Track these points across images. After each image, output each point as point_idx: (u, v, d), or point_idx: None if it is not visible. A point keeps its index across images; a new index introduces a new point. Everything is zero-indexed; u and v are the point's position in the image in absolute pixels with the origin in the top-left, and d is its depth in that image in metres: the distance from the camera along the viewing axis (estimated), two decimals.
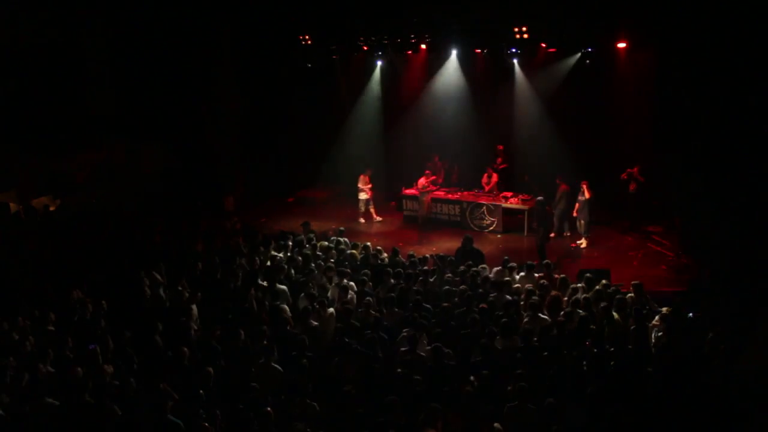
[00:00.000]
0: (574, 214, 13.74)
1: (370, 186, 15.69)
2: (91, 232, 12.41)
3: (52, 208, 13.95)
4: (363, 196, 15.72)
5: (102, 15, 15.08)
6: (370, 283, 9.70)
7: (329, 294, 9.41)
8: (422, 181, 15.17)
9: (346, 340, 7.64)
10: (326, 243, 11.56)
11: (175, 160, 16.61)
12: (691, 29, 11.97)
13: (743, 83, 10.95)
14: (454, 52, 16.00)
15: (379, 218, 15.91)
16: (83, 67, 15.33)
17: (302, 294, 9.16)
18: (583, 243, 13.61)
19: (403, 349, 7.58)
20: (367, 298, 8.83)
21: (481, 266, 10.33)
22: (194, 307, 8.92)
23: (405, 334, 7.70)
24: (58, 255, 11.17)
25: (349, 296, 9.14)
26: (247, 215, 16.07)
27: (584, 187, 13.42)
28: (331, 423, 6.37)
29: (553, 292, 9.04)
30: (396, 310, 8.67)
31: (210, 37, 15.97)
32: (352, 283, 9.54)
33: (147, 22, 15.08)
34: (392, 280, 9.58)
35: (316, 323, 8.33)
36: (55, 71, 14.41)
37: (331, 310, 8.66)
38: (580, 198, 13.51)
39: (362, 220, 15.89)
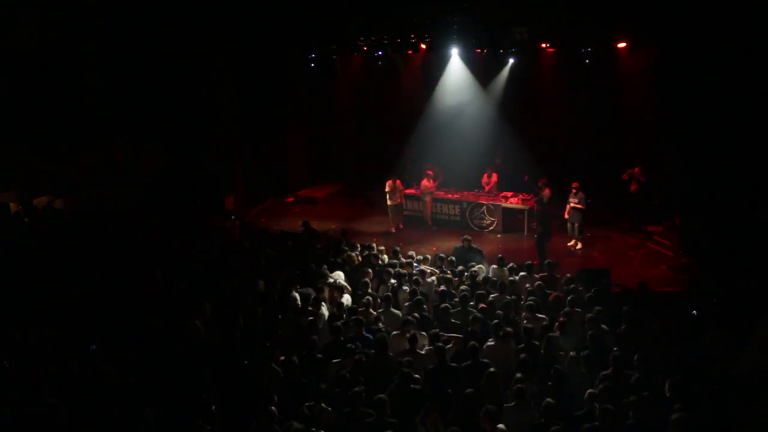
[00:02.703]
0: (566, 216, 13.63)
1: (401, 190, 14.99)
2: (91, 231, 12.42)
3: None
4: (390, 202, 14.95)
5: (101, 15, 15.08)
6: (370, 283, 9.69)
7: (325, 293, 9.41)
8: (424, 182, 15.05)
9: (342, 339, 7.65)
10: (327, 242, 11.59)
11: (175, 160, 16.62)
12: (691, 29, 11.97)
13: (744, 83, 10.95)
14: (455, 52, 15.99)
15: (394, 229, 15.14)
16: (83, 67, 15.32)
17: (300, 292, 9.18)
18: (579, 245, 13.57)
19: (402, 349, 7.58)
20: (367, 297, 8.84)
21: (478, 266, 10.33)
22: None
23: (405, 334, 7.70)
24: (58, 255, 11.16)
25: (346, 296, 9.14)
26: (247, 215, 16.08)
27: (571, 194, 13.29)
28: (330, 423, 6.37)
29: (554, 293, 9.04)
30: (395, 310, 8.68)
31: (210, 36, 15.97)
32: (344, 283, 9.55)
33: (146, 22, 15.07)
34: (392, 280, 9.59)
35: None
36: (54, 71, 14.40)
37: (324, 309, 8.66)
38: (571, 200, 13.35)
39: (393, 230, 15.10)
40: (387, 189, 14.90)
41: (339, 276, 9.92)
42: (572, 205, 13.31)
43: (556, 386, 6.66)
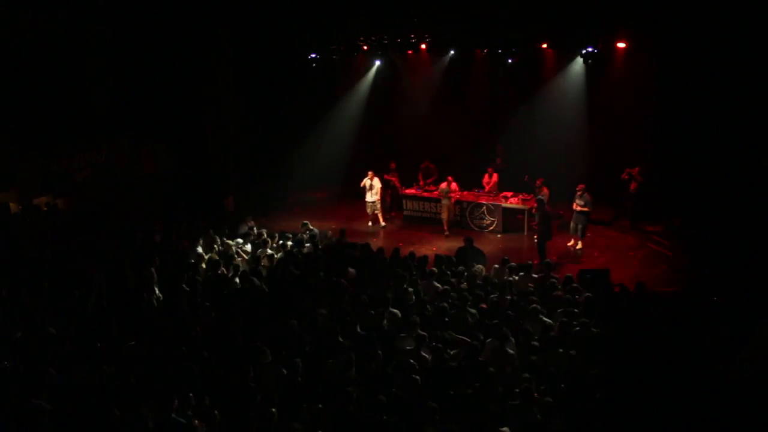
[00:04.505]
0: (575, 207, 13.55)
1: (380, 187, 15.01)
2: (91, 232, 12.42)
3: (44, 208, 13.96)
4: (370, 197, 15.07)
5: (102, 15, 15.07)
6: (370, 283, 9.70)
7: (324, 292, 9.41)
8: (444, 185, 14.80)
9: (340, 339, 7.65)
10: (327, 242, 11.58)
11: (175, 160, 16.60)
12: (691, 29, 12.00)
13: (743, 83, 10.97)
14: (451, 52, 16.00)
15: (383, 223, 15.34)
16: (83, 66, 15.30)
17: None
18: (579, 245, 13.54)
19: (404, 349, 7.57)
20: (363, 296, 8.84)
21: (478, 266, 10.33)
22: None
23: (406, 334, 7.69)
24: (58, 254, 11.16)
25: (345, 296, 9.14)
26: (247, 215, 16.04)
27: (577, 195, 13.20)
28: (330, 423, 6.36)
29: (554, 293, 9.04)
30: (395, 310, 8.67)
31: (210, 37, 15.95)
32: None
33: (147, 22, 15.06)
34: (392, 281, 9.58)
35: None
36: (55, 71, 14.39)
37: (323, 309, 8.67)
38: (576, 202, 13.31)
39: (370, 224, 15.36)
40: (366, 182, 14.99)
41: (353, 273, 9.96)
42: (577, 207, 13.17)
43: (553, 385, 6.68)
